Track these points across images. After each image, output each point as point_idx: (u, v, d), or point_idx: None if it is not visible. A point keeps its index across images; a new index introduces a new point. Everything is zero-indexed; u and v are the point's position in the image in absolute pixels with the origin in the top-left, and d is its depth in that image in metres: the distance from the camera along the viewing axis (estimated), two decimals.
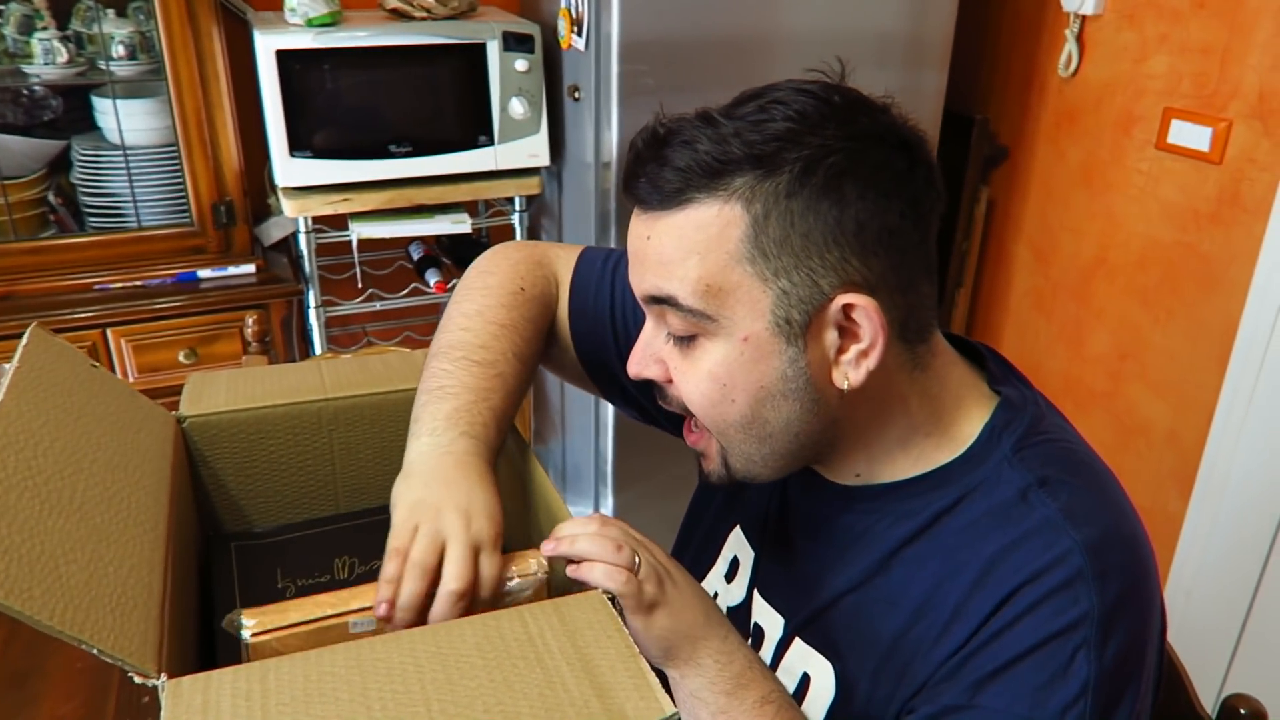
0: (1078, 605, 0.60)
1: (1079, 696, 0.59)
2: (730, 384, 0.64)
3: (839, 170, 0.60)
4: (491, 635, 0.56)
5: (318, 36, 1.71)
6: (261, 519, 0.87)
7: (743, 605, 0.80)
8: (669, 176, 0.61)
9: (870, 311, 0.61)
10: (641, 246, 0.65)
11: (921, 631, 0.65)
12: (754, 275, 0.61)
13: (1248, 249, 1.65)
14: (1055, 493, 0.64)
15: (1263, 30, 1.58)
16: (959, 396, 0.70)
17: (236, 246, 1.86)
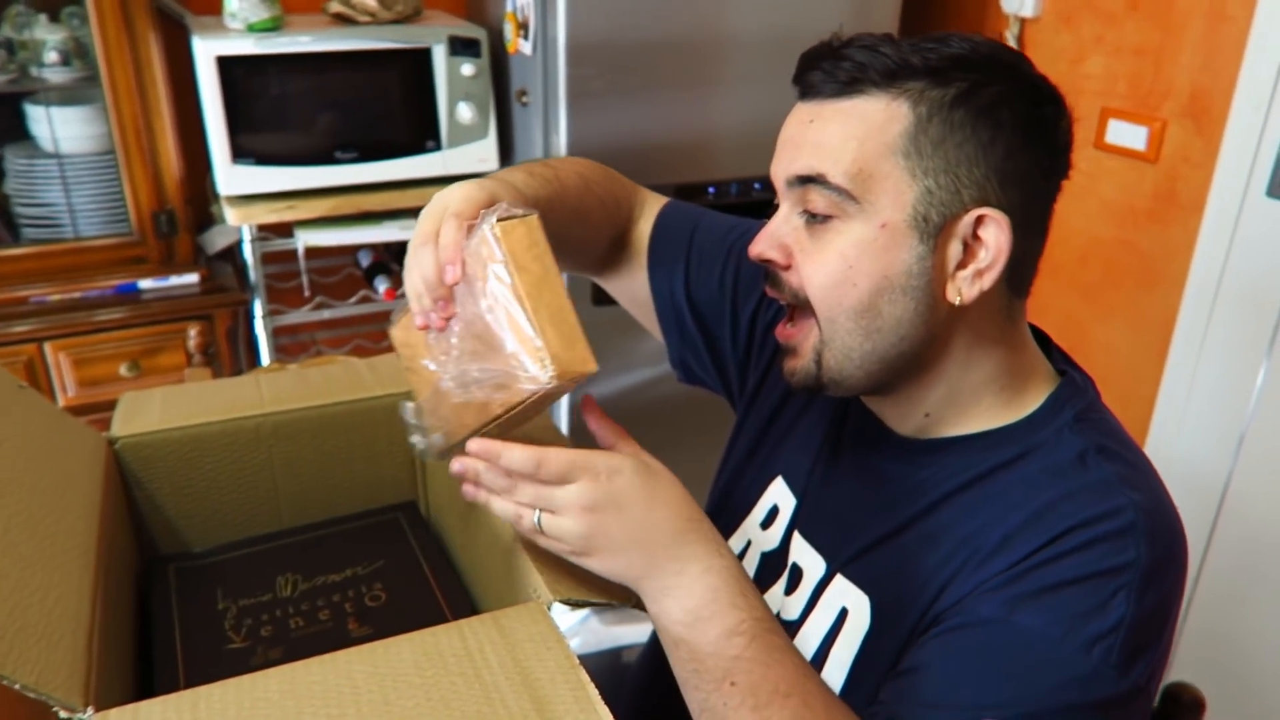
0: (1126, 553, 0.62)
1: (1111, 631, 0.61)
2: (856, 266, 0.66)
3: (1000, 100, 0.64)
4: (430, 652, 0.56)
5: (259, 42, 1.69)
6: (201, 539, 0.86)
7: (779, 549, 0.81)
8: (847, 68, 0.66)
9: (1001, 228, 0.65)
10: (800, 130, 0.68)
11: (963, 558, 0.66)
12: (905, 169, 0.65)
13: (1184, 245, 1.69)
14: (1112, 460, 0.67)
15: (1193, 32, 1.62)
16: (1032, 365, 0.73)
17: (179, 256, 1.83)
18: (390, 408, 0.89)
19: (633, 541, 0.63)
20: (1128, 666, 0.61)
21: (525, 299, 0.58)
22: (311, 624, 0.76)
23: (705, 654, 0.62)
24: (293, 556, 0.84)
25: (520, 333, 0.58)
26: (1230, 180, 1.56)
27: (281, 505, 0.88)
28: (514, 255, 0.59)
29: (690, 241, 0.90)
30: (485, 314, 0.60)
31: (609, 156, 1.71)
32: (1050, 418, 0.70)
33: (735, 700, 0.61)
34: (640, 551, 0.64)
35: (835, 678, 0.72)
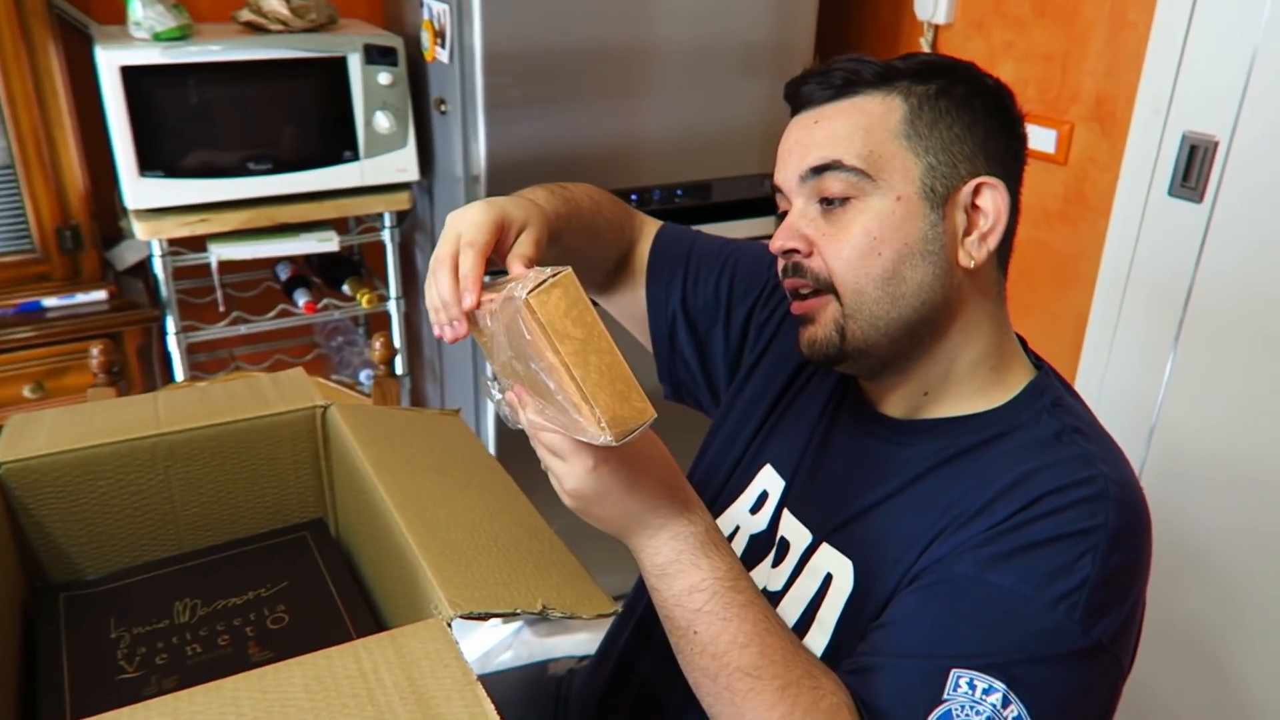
0: (1095, 518, 0.68)
1: (1077, 589, 0.66)
2: (880, 237, 0.74)
3: (971, 94, 0.75)
4: (322, 675, 0.54)
5: (165, 51, 1.64)
6: (94, 566, 0.82)
7: (768, 529, 0.87)
8: (840, 75, 0.76)
9: (998, 192, 0.74)
10: (806, 132, 0.77)
11: (945, 522, 0.72)
12: (908, 149, 0.74)
13: (1093, 245, 1.74)
14: (1086, 439, 0.73)
15: (1097, 38, 1.67)
16: (1014, 351, 0.81)
17: (85, 273, 1.76)
18: (295, 424, 0.87)
19: (612, 518, 0.69)
20: (1091, 622, 0.66)
21: (573, 369, 0.59)
22: (210, 650, 0.73)
23: (671, 605, 0.68)
24: (192, 581, 0.81)
25: (574, 399, 0.60)
26: (1134, 181, 1.61)
27: (181, 528, 0.85)
28: (553, 326, 0.59)
29: (688, 257, 0.99)
30: (539, 374, 0.61)
31: (529, 164, 1.71)
32: (1030, 402, 0.77)
33: (697, 648, 0.67)
34: (618, 525, 0.69)
35: (819, 639, 0.77)
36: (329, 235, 1.88)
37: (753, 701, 0.65)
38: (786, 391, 0.94)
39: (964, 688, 0.64)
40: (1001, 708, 0.64)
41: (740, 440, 0.95)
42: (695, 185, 1.89)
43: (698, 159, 1.87)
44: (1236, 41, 1.41)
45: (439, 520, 0.71)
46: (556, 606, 0.65)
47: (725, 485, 0.93)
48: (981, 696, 0.64)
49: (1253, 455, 1.50)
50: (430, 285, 0.70)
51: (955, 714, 0.64)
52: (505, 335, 0.63)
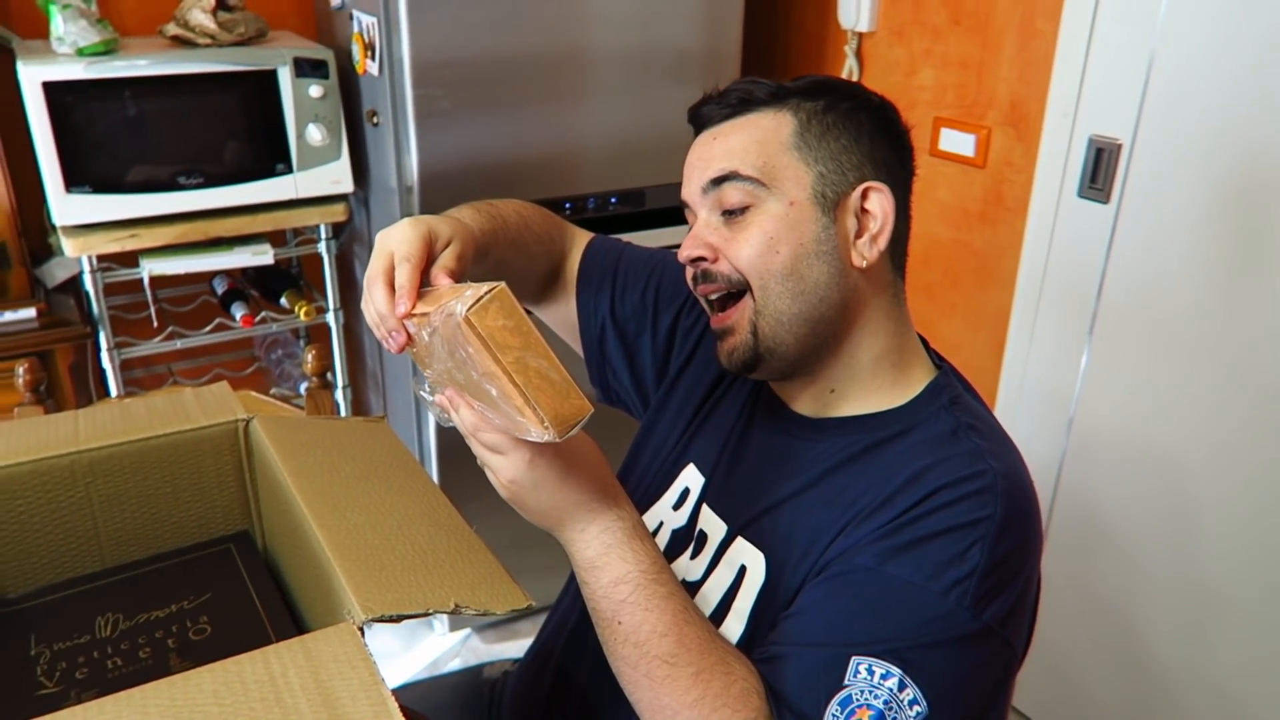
0: (984, 509, 0.73)
1: (967, 577, 0.71)
2: (776, 237, 0.79)
3: (856, 108, 0.81)
4: (232, 681, 0.56)
5: (90, 66, 1.63)
6: (15, 584, 0.83)
7: (688, 525, 0.91)
8: (736, 95, 0.82)
9: (884, 195, 0.80)
10: (706, 148, 0.82)
11: (850, 516, 0.77)
12: (799, 159, 0.80)
13: (1012, 244, 1.80)
14: (980, 435, 0.79)
15: (1009, 46, 1.73)
16: (916, 351, 0.87)
17: (13, 291, 1.75)
18: (218, 437, 0.88)
19: (546, 509, 0.73)
20: (980, 608, 0.71)
21: (515, 376, 0.64)
22: (131, 663, 0.74)
23: (599, 597, 0.73)
24: (115, 595, 0.82)
25: (516, 403, 0.64)
26: (1047, 183, 1.67)
27: (104, 544, 0.86)
28: (493, 338, 0.64)
29: (615, 267, 1.04)
30: (481, 382, 0.66)
31: (462, 174, 1.73)
32: (930, 400, 0.82)
33: (620, 636, 0.72)
34: (551, 517, 0.74)
35: (735, 627, 0.81)
36: (264, 248, 1.88)
37: (669, 687, 0.70)
38: (710, 395, 0.98)
39: (863, 673, 0.69)
40: (898, 691, 0.68)
41: (669, 442, 0.99)
42: (629, 193, 1.92)
43: (631, 166, 1.91)
44: (1135, 48, 1.48)
45: (356, 526, 0.73)
46: (470, 604, 0.67)
47: (652, 484, 0.97)
48: (879, 681, 0.68)
49: (1159, 439, 1.57)
50: (367, 302, 0.75)
51: (855, 698, 0.68)
52: (445, 347, 0.67)
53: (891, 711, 0.67)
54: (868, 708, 0.68)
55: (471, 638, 2.19)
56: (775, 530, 0.82)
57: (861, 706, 0.68)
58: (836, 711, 0.68)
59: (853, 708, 0.68)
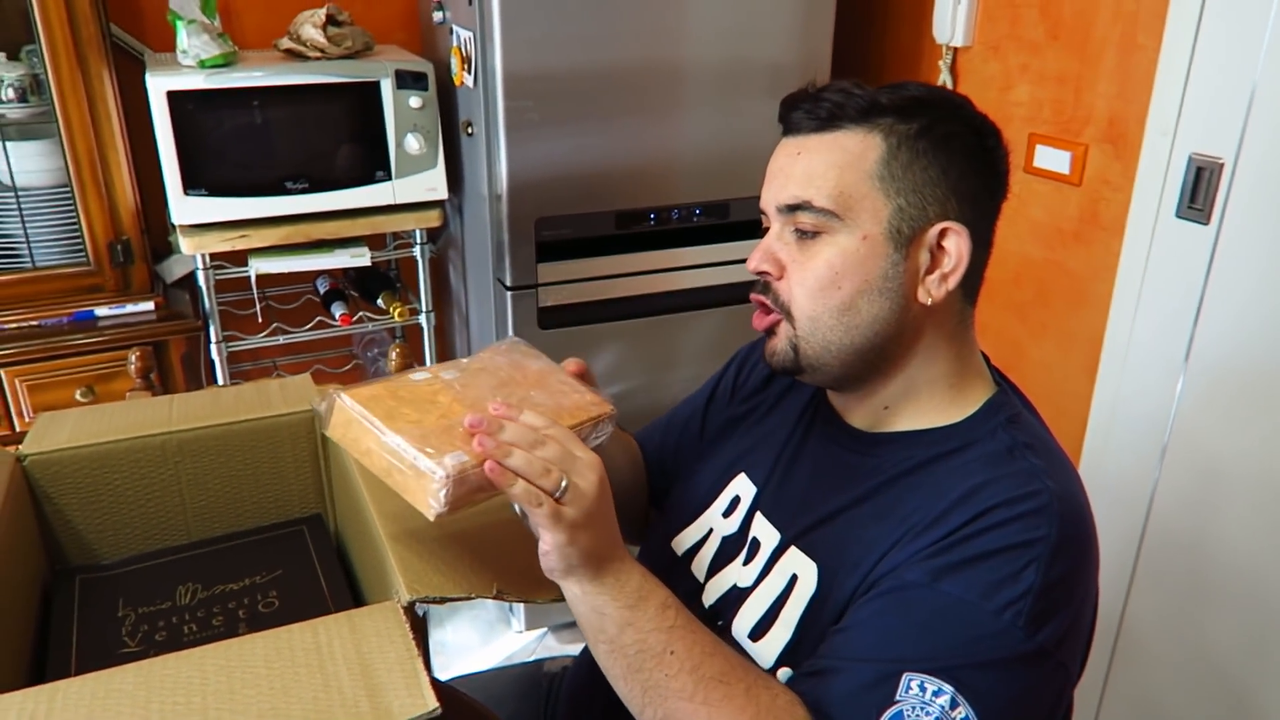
0: (1039, 530, 0.72)
1: (1021, 597, 0.70)
2: (842, 272, 0.78)
3: (953, 134, 0.78)
4: (281, 648, 0.60)
5: (209, 77, 1.75)
6: (109, 551, 0.90)
7: (739, 531, 0.91)
8: (826, 107, 0.79)
9: (961, 238, 0.78)
10: (789, 162, 0.80)
11: (902, 531, 0.76)
12: (880, 190, 0.77)
13: (1107, 265, 1.74)
14: (1036, 454, 0.77)
15: (1108, 61, 1.68)
16: (977, 369, 0.85)
17: (135, 284, 1.88)
18: (295, 424, 0.94)
19: (608, 526, 0.72)
20: (1035, 628, 0.70)
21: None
22: (204, 630, 0.80)
23: (648, 630, 0.71)
24: (195, 567, 0.88)
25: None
26: (1144, 202, 1.61)
27: (189, 519, 0.92)
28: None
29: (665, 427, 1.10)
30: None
31: (550, 183, 1.78)
32: (987, 418, 0.81)
33: (675, 667, 0.70)
34: (611, 536, 0.73)
35: (782, 635, 0.81)
36: (362, 251, 1.96)
37: (726, 708, 0.69)
38: (758, 408, 1.00)
39: (915, 690, 0.68)
40: (950, 709, 0.67)
41: (721, 454, 1.00)
42: (713, 204, 1.94)
43: (716, 178, 1.92)
44: (1239, 63, 1.42)
45: (412, 512, 0.77)
46: (512, 591, 0.70)
47: (705, 493, 0.98)
48: (931, 698, 0.68)
49: (1259, 472, 1.49)
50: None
51: (906, 714, 0.67)
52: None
53: None
54: None
55: (547, 636, 2.23)
56: (828, 541, 0.82)
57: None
58: None
59: None
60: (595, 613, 0.72)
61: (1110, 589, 1.77)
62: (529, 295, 1.84)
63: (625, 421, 0.85)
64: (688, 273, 1.97)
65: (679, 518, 0.98)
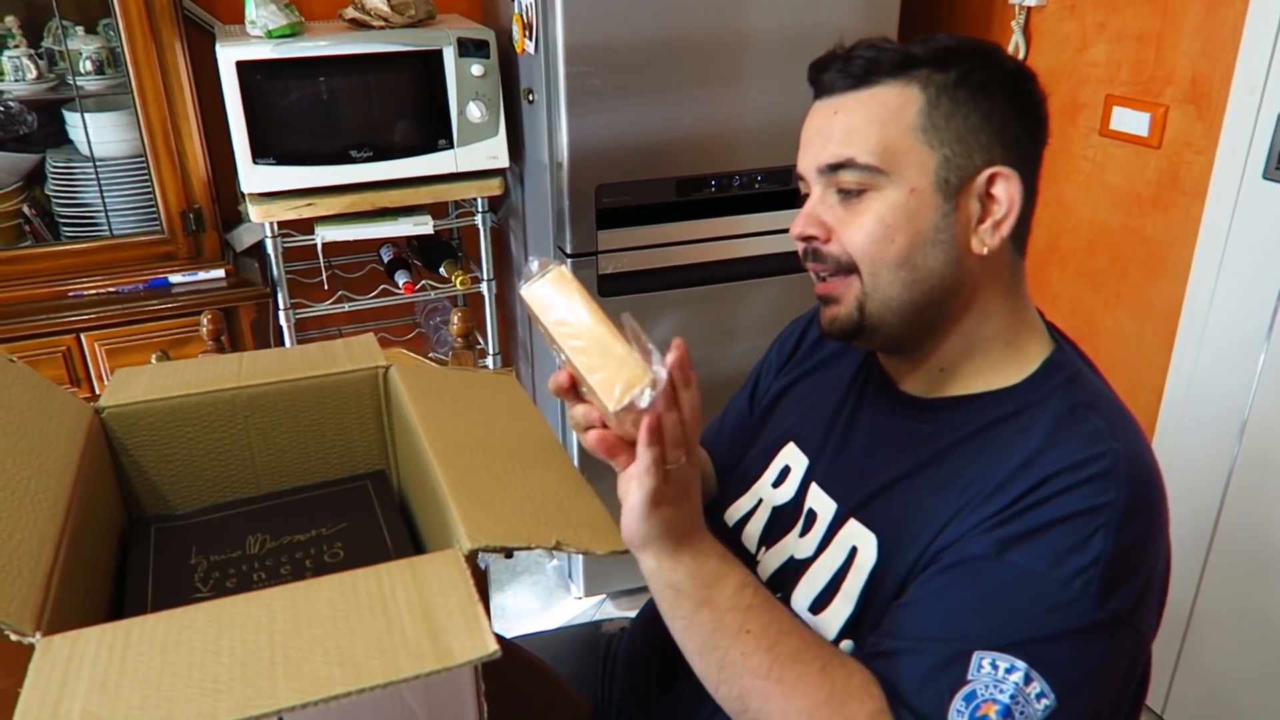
0: (1106, 494, 0.69)
1: (1091, 565, 0.68)
2: (893, 225, 0.76)
3: (990, 79, 0.76)
4: (346, 591, 0.61)
5: (277, 47, 1.77)
6: (183, 502, 0.92)
7: (793, 501, 0.90)
8: (859, 64, 0.77)
9: (1011, 182, 0.76)
10: (826, 122, 0.78)
11: (964, 502, 0.74)
12: (924, 142, 0.75)
13: (1187, 231, 1.68)
14: (1099, 414, 0.75)
15: (1192, 17, 1.61)
16: (1033, 325, 0.83)
17: (206, 252, 1.92)
18: (360, 381, 0.95)
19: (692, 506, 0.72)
20: (1107, 596, 0.68)
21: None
22: (273, 577, 0.81)
23: (724, 609, 0.70)
24: (264, 518, 0.90)
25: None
26: (1229, 164, 1.55)
27: (258, 472, 0.94)
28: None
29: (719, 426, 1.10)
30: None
31: (611, 151, 1.78)
32: (1046, 379, 0.79)
33: (751, 645, 0.69)
34: (692, 515, 0.72)
35: (844, 609, 0.80)
36: (425, 219, 1.98)
37: (801, 687, 0.68)
38: (802, 377, 0.99)
39: (986, 668, 0.66)
40: (1024, 684, 0.66)
41: (769, 427, 1.00)
42: (775, 171, 1.91)
43: (778, 145, 1.90)
44: None
45: (472, 465, 0.78)
46: (572, 543, 0.70)
47: (752, 465, 0.98)
48: (1004, 675, 0.66)
49: None
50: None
51: (980, 693, 0.66)
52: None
53: (1019, 705, 0.65)
54: (993, 701, 0.65)
55: (606, 603, 2.25)
56: (887, 512, 0.80)
57: (987, 700, 0.66)
58: (961, 707, 0.66)
59: (978, 702, 0.66)
60: (671, 589, 0.71)
61: (1183, 570, 1.72)
62: (589, 263, 1.84)
63: None
64: (749, 240, 1.95)
65: (731, 490, 0.98)
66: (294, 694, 0.53)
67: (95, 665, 0.55)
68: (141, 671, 0.54)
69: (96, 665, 0.55)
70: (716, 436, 1.10)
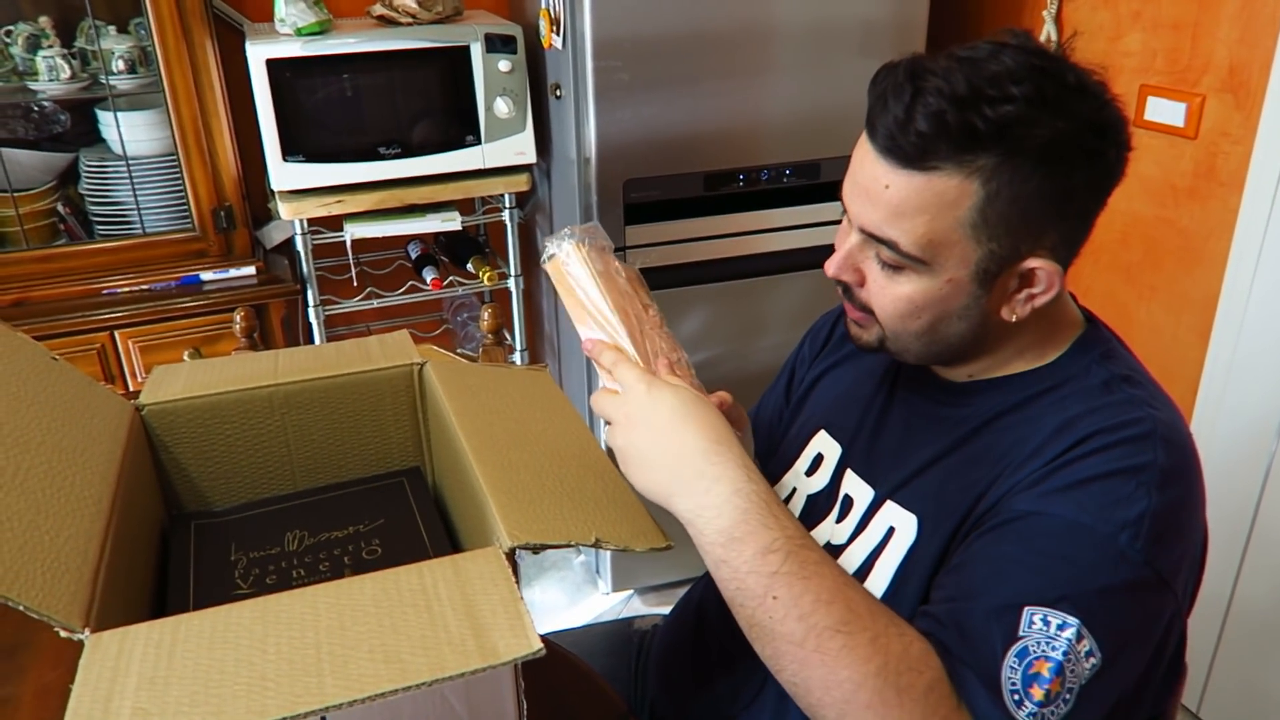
0: (1144, 455, 0.69)
1: (1137, 521, 0.67)
2: (922, 305, 0.75)
3: (1067, 157, 0.69)
4: (389, 588, 0.61)
5: (306, 45, 1.78)
6: (221, 499, 0.93)
7: (828, 489, 0.90)
8: (914, 141, 0.68)
9: (1052, 276, 0.74)
10: (875, 187, 0.72)
11: (1002, 468, 0.74)
12: (971, 238, 0.71)
13: (1224, 222, 1.65)
14: (1134, 385, 0.76)
15: (1230, 4, 1.58)
16: (1063, 310, 0.82)
17: (237, 249, 1.94)
18: (395, 378, 0.96)
19: (661, 457, 0.72)
20: (1152, 552, 0.67)
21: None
22: (312, 574, 0.82)
23: (744, 572, 0.68)
24: (302, 515, 0.90)
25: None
26: (1268, 154, 1.52)
27: (295, 469, 0.95)
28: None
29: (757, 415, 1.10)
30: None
31: (639, 145, 1.77)
32: (1080, 355, 0.79)
33: (780, 613, 0.67)
34: (667, 469, 0.72)
35: (878, 585, 0.80)
36: (453, 215, 1.99)
37: (847, 658, 0.65)
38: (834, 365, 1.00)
39: (1038, 623, 0.66)
40: (1075, 642, 0.65)
41: (802, 415, 1.00)
42: (804, 165, 1.90)
43: (808, 138, 1.88)
44: None
45: (511, 463, 0.78)
46: (610, 540, 0.70)
47: (785, 453, 0.98)
48: (1056, 632, 0.66)
49: None
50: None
51: (1031, 650, 0.65)
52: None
53: (1070, 663, 0.65)
54: (1045, 659, 0.65)
55: (634, 599, 2.25)
56: (925, 492, 0.81)
57: (1039, 658, 0.65)
58: (1014, 664, 0.65)
59: (1030, 659, 0.65)
60: (695, 542, 0.71)
61: (1220, 566, 1.70)
62: (617, 258, 1.84)
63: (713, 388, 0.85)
64: (777, 234, 1.94)
65: None
66: (341, 691, 0.53)
67: (144, 662, 0.55)
68: (190, 668, 0.55)
69: (145, 662, 0.55)
70: (754, 428, 1.09)
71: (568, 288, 0.82)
